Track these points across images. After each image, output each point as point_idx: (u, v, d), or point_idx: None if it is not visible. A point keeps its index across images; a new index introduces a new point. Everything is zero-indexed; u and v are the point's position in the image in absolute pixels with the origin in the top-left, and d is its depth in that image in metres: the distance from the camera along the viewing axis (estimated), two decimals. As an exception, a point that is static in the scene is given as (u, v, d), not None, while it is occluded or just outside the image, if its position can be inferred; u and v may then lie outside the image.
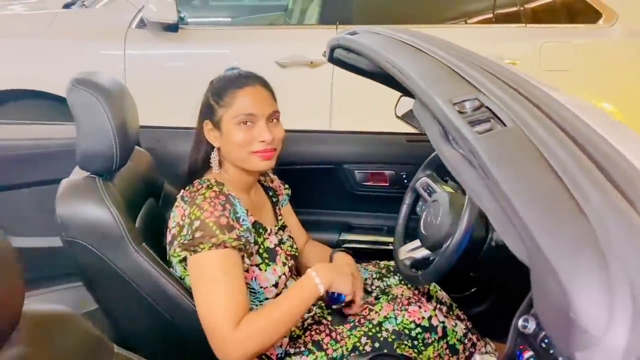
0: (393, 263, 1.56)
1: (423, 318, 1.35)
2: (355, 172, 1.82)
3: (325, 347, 1.30)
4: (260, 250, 1.27)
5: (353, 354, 1.29)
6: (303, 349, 1.30)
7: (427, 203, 1.44)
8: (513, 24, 2.93)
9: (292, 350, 1.30)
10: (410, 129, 1.87)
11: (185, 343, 1.23)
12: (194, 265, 1.15)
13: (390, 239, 1.84)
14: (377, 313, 1.36)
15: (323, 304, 1.42)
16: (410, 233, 1.53)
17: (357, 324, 1.34)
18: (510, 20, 2.95)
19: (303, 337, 1.33)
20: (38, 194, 1.48)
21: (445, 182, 1.50)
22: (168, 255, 1.25)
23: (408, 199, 1.55)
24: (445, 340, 1.36)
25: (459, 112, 0.57)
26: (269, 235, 1.32)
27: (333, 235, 1.88)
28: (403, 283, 1.51)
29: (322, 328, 1.34)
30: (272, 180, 1.53)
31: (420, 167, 1.52)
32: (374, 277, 1.53)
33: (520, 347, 1.24)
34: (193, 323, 1.17)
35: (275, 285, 1.26)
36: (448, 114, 0.56)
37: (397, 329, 1.33)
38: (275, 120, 1.28)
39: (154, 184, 1.45)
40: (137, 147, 1.42)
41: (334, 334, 1.33)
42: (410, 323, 1.34)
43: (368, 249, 1.85)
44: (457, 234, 1.21)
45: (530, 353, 1.20)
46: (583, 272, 0.38)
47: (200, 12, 3.67)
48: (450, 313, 1.45)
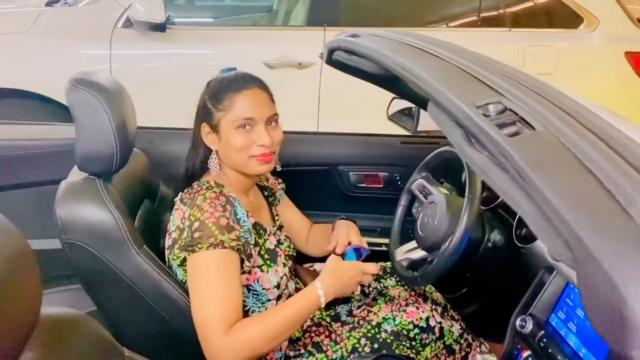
0: (389, 264, 1.57)
1: (421, 319, 1.36)
2: (350, 173, 1.83)
3: (325, 348, 1.30)
4: (262, 252, 1.27)
5: (353, 355, 1.29)
6: (303, 351, 1.29)
7: (423, 205, 1.44)
8: (498, 28, 2.98)
9: (291, 353, 1.29)
10: (404, 131, 1.89)
11: (186, 346, 1.21)
12: (191, 266, 1.14)
13: (384, 240, 1.85)
14: (375, 314, 1.37)
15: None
16: (406, 234, 1.54)
17: (356, 325, 1.35)
18: (495, 24, 2.99)
19: (302, 339, 1.33)
20: (33, 195, 1.44)
21: (441, 183, 1.51)
22: (167, 260, 1.24)
23: (404, 201, 1.55)
24: (442, 341, 1.38)
25: (484, 115, 0.58)
26: (269, 236, 1.32)
27: None
28: (400, 284, 1.52)
29: (321, 330, 1.34)
30: (267, 179, 1.51)
31: (416, 169, 1.52)
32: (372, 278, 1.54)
33: (518, 346, 1.26)
34: (193, 326, 1.16)
35: (277, 287, 1.26)
36: (474, 117, 0.57)
37: (395, 330, 1.33)
38: (274, 123, 1.25)
39: (150, 186, 1.43)
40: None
41: (334, 336, 1.33)
42: (409, 324, 1.35)
43: None
44: (456, 235, 1.22)
45: (528, 352, 1.22)
46: (636, 271, 0.39)
47: (186, 12, 3.63)
48: (446, 314, 1.47)
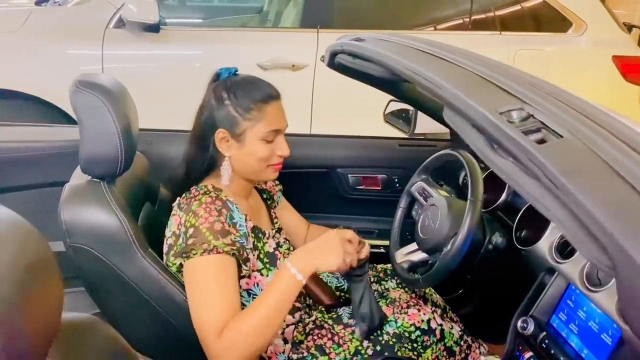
0: (389, 266, 1.57)
1: (422, 321, 1.37)
2: (349, 176, 1.83)
3: (328, 351, 1.30)
4: (261, 255, 1.26)
5: (355, 358, 1.29)
6: (306, 354, 1.29)
7: (423, 207, 1.45)
8: (488, 31, 3.01)
9: (294, 356, 1.29)
10: (401, 134, 1.90)
11: (191, 349, 1.20)
12: (187, 272, 1.14)
13: (383, 242, 1.86)
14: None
15: (323, 308, 1.42)
16: (405, 237, 1.55)
17: (358, 328, 1.35)
18: (486, 28, 3.02)
19: (305, 341, 1.32)
20: (34, 198, 1.42)
21: (441, 186, 1.52)
22: (167, 265, 1.23)
23: (403, 203, 1.55)
24: (443, 343, 1.39)
25: (508, 121, 0.59)
26: (268, 239, 1.31)
27: None
28: (401, 286, 1.52)
29: (324, 332, 1.34)
30: (265, 182, 1.51)
31: (416, 171, 1.53)
32: (372, 280, 1.54)
33: (520, 348, 1.28)
34: None
35: None
36: (499, 124, 0.57)
37: (397, 332, 1.34)
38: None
39: (151, 188, 1.42)
40: None
41: (336, 338, 1.33)
42: (410, 326, 1.35)
43: None
44: (459, 237, 1.23)
45: (530, 354, 1.23)
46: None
47: (178, 12, 3.61)
48: (445, 315, 1.48)
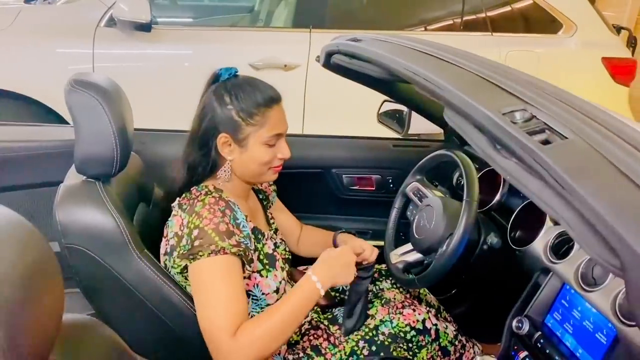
0: (384, 266, 1.57)
1: (417, 321, 1.38)
2: (343, 176, 1.83)
3: (324, 351, 1.30)
4: (261, 257, 1.26)
5: (351, 358, 1.29)
6: (302, 355, 1.29)
7: (418, 207, 1.45)
8: (480, 32, 3.02)
9: (290, 357, 1.29)
10: (395, 134, 1.90)
11: (187, 351, 1.20)
12: (194, 273, 1.13)
13: (377, 243, 1.86)
14: (372, 317, 1.37)
15: (319, 309, 1.42)
16: (399, 237, 1.55)
17: (353, 328, 1.35)
18: (477, 29, 3.04)
19: (301, 342, 1.33)
20: (27, 198, 1.40)
21: (435, 186, 1.52)
22: (165, 265, 1.22)
23: (398, 203, 1.56)
24: (438, 343, 1.39)
25: (512, 122, 0.59)
26: (267, 240, 1.31)
27: None
28: (395, 286, 1.52)
29: (319, 333, 1.34)
30: (260, 182, 1.51)
31: (410, 172, 1.53)
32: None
33: (515, 347, 1.28)
34: (195, 330, 1.14)
35: (277, 291, 1.25)
36: (502, 125, 0.57)
37: (393, 332, 1.34)
38: None
39: (145, 189, 1.41)
40: None
41: (332, 339, 1.33)
42: (406, 326, 1.36)
43: None
44: (455, 238, 1.24)
45: (525, 353, 1.24)
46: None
47: (170, 12, 3.59)
48: (439, 315, 1.48)
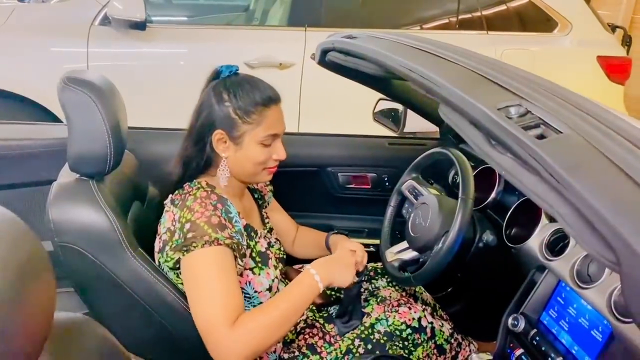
0: (380, 265, 1.57)
1: (413, 319, 1.37)
2: (339, 174, 1.83)
3: (320, 350, 1.30)
4: (253, 254, 1.25)
5: (347, 357, 1.29)
6: (297, 354, 1.29)
7: (414, 205, 1.45)
8: (475, 31, 3.03)
9: (286, 356, 1.29)
10: (391, 132, 1.90)
11: (181, 349, 1.19)
12: (187, 265, 1.11)
13: (373, 241, 1.86)
14: (368, 315, 1.37)
15: (314, 307, 1.42)
16: (395, 235, 1.55)
17: (349, 327, 1.35)
18: (473, 27, 3.04)
19: (296, 340, 1.32)
20: (19, 197, 1.39)
21: (431, 184, 1.52)
22: (159, 263, 1.21)
23: (393, 202, 1.55)
24: (434, 341, 1.39)
25: (507, 117, 0.58)
26: (260, 239, 1.30)
27: None
28: (391, 285, 1.52)
29: (315, 331, 1.34)
30: (254, 183, 1.51)
31: (406, 170, 1.53)
32: (363, 279, 1.54)
33: (511, 345, 1.28)
34: (189, 329, 1.14)
35: (269, 289, 1.25)
36: (498, 120, 0.57)
37: (388, 331, 1.34)
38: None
39: (140, 187, 1.40)
40: None
41: (328, 337, 1.32)
42: (401, 324, 1.35)
43: None
44: (450, 236, 1.23)
45: (521, 351, 1.24)
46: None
47: (164, 10, 3.58)
48: (435, 314, 1.48)
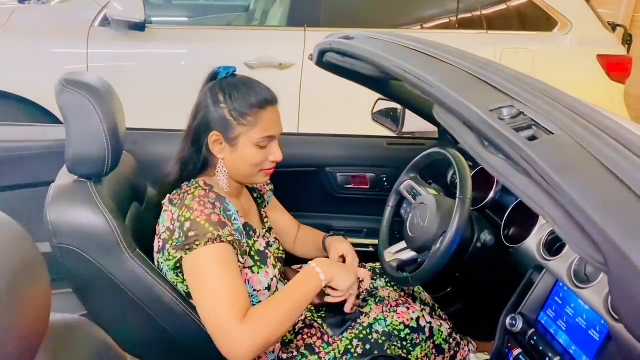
0: (379, 265, 1.57)
1: (411, 319, 1.37)
2: (337, 174, 1.83)
3: (318, 350, 1.30)
4: (252, 253, 1.25)
5: (345, 357, 1.29)
6: (296, 354, 1.29)
7: (412, 205, 1.45)
8: (475, 30, 3.02)
9: (284, 356, 1.29)
10: (390, 132, 1.90)
11: (180, 350, 1.20)
12: (191, 264, 1.11)
13: (371, 241, 1.86)
14: (366, 315, 1.37)
15: (313, 307, 1.42)
16: (393, 235, 1.55)
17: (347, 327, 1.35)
18: (473, 27, 3.03)
19: (295, 341, 1.32)
20: (17, 198, 1.40)
21: (429, 184, 1.52)
22: (158, 263, 1.22)
23: (392, 202, 1.55)
24: (432, 341, 1.39)
25: (499, 119, 0.59)
26: (258, 238, 1.31)
27: None
28: (390, 285, 1.52)
29: (313, 332, 1.34)
30: (251, 184, 1.51)
31: (404, 170, 1.53)
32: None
33: (509, 345, 1.28)
34: (187, 330, 1.14)
35: (268, 288, 1.25)
36: (489, 121, 0.57)
37: (387, 331, 1.34)
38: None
39: (138, 188, 1.41)
40: None
41: (326, 337, 1.33)
42: (400, 324, 1.35)
43: None
44: (448, 235, 1.24)
45: (519, 351, 1.24)
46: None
47: (164, 11, 3.58)
48: (434, 313, 1.48)
